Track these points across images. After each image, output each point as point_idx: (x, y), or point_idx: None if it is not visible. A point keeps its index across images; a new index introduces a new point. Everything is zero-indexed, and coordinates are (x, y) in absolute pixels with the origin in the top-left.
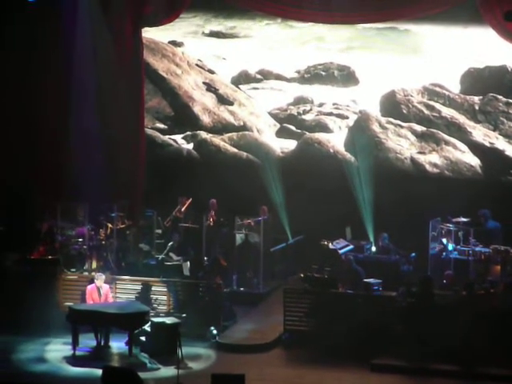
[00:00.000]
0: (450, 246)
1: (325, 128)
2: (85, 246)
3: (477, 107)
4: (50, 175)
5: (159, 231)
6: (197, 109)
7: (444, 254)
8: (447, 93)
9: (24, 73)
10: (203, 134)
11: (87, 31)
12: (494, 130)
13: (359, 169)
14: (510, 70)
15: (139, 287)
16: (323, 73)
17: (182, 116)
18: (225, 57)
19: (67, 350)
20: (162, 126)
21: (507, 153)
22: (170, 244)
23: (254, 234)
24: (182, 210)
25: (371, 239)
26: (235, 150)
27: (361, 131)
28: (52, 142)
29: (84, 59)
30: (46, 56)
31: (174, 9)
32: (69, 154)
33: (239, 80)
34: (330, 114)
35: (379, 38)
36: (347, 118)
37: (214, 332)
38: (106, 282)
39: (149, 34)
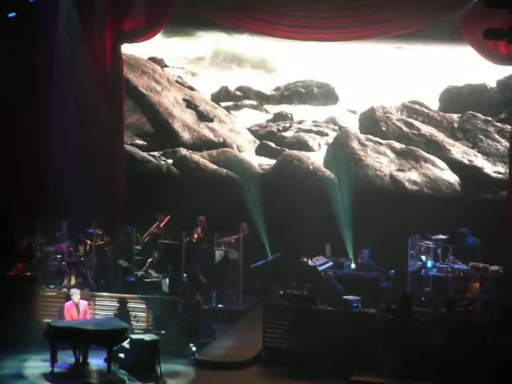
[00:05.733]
0: (429, 263)
1: (304, 145)
2: (64, 263)
3: (456, 125)
4: (29, 192)
5: (139, 247)
6: (177, 125)
7: (423, 271)
8: (426, 110)
9: (3, 90)
10: (183, 151)
11: (66, 47)
12: (472, 148)
13: (339, 186)
14: (489, 88)
15: (118, 304)
16: (303, 90)
17: (162, 132)
18: (200, 73)
19: (46, 367)
20: (141, 142)
21: (486, 170)
22: (149, 260)
23: (234, 250)
24: (161, 226)
25: (350, 256)
26: (215, 166)
27: (340, 148)
28: (31, 159)
29: (63, 76)
30: (26, 74)
31: (153, 26)
32: (48, 171)
33: (219, 97)
34: (310, 131)
35: (358, 54)
36: (327, 135)
37: (193, 349)
38: (84, 299)
39: (129, 50)
